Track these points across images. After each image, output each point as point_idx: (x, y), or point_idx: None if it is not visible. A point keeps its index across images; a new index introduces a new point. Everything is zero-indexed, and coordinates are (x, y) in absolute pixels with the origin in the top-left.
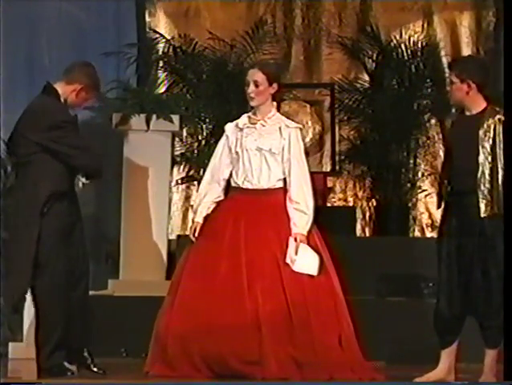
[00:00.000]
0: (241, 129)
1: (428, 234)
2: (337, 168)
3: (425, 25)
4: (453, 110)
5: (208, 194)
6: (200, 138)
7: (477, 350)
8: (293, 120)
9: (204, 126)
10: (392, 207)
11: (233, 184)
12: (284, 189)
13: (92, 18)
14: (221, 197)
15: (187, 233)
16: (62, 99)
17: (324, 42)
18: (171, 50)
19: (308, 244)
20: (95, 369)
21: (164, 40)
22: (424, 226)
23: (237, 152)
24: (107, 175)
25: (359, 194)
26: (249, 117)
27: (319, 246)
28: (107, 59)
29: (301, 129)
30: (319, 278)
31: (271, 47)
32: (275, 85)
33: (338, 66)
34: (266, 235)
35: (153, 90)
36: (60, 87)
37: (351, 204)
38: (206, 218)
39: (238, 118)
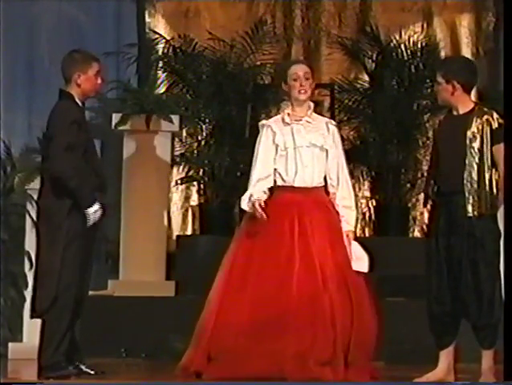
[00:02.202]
0: (289, 124)
1: None
2: None
3: (425, 25)
4: None
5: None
6: (199, 138)
7: (476, 350)
8: None
9: (204, 126)
10: (391, 207)
11: (280, 183)
12: (325, 187)
13: (92, 18)
14: (267, 193)
15: (187, 233)
16: (77, 99)
17: (324, 42)
18: (171, 50)
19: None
20: (92, 372)
21: (164, 40)
22: (424, 226)
23: (286, 148)
24: (108, 175)
25: (359, 194)
26: (289, 114)
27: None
28: (108, 59)
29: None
30: (362, 277)
31: (271, 47)
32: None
33: (337, 66)
34: (330, 235)
35: (153, 90)
36: (69, 89)
37: None
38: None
39: (238, 118)
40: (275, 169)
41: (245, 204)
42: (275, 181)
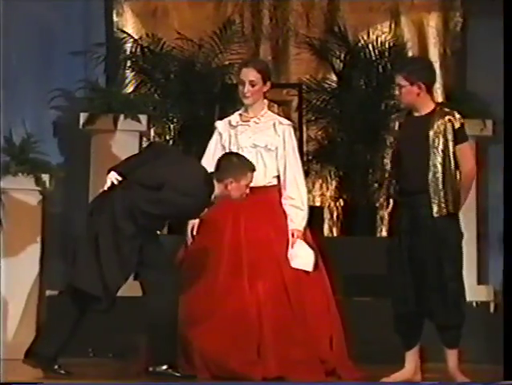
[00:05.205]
0: (235, 126)
1: None
2: (305, 168)
3: (393, 25)
4: None
5: None
6: (167, 138)
7: (442, 349)
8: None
9: (171, 126)
10: (359, 207)
11: None
12: (278, 187)
13: (60, 17)
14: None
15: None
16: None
17: (292, 42)
18: (139, 49)
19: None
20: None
21: (131, 40)
22: None
23: (230, 150)
24: (74, 174)
25: (327, 194)
26: (240, 115)
27: (312, 243)
28: (75, 59)
29: (294, 127)
30: (314, 275)
31: (239, 47)
32: (268, 83)
33: (306, 66)
34: (266, 233)
35: (121, 89)
36: (217, 187)
37: (318, 204)
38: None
39: (206, 118)
40: None
41: None
42: None
